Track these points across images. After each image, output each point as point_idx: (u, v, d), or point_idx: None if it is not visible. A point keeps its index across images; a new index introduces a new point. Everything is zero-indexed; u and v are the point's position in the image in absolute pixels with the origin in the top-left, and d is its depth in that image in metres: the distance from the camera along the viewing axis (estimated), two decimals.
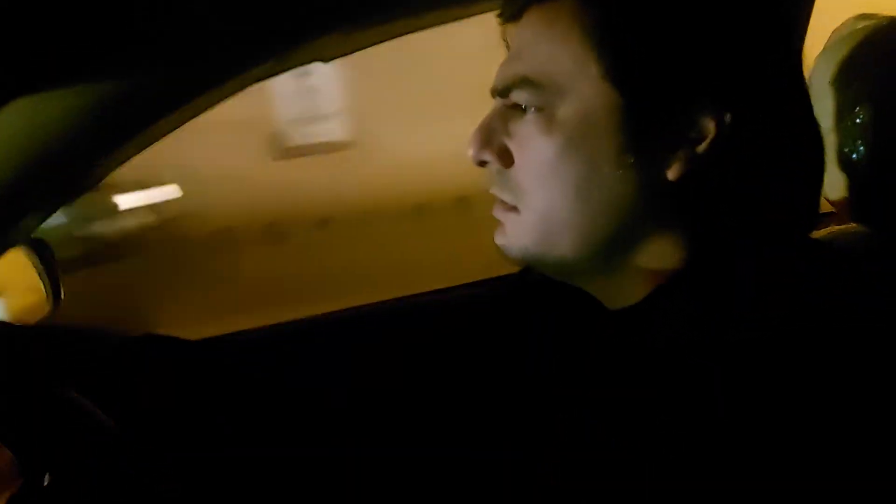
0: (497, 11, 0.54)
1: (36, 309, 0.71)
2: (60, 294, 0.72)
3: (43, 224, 0.64)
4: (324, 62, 0.65)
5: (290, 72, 0.63)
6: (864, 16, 0.70)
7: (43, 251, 0.70)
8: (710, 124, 0.46)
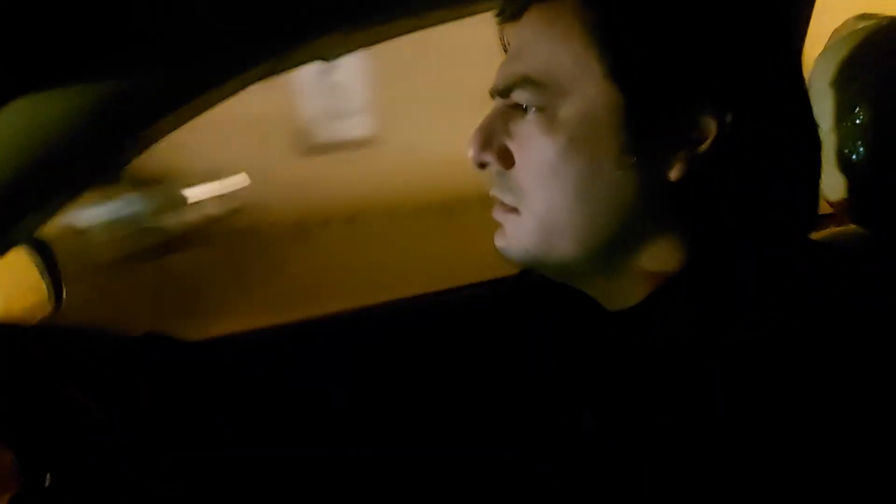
0: (496, 11, 0.54)
1: (37, 309, 0.71)
2: (62, 294, 0.72)
3: (115, 215, 0.64)
4: (325, 62, 0.65)
5: (316, 68, 0.63)
6: (864, 16, 0.70)
7: (44, 251, 0.70)
8: (711, 124, 0.46)
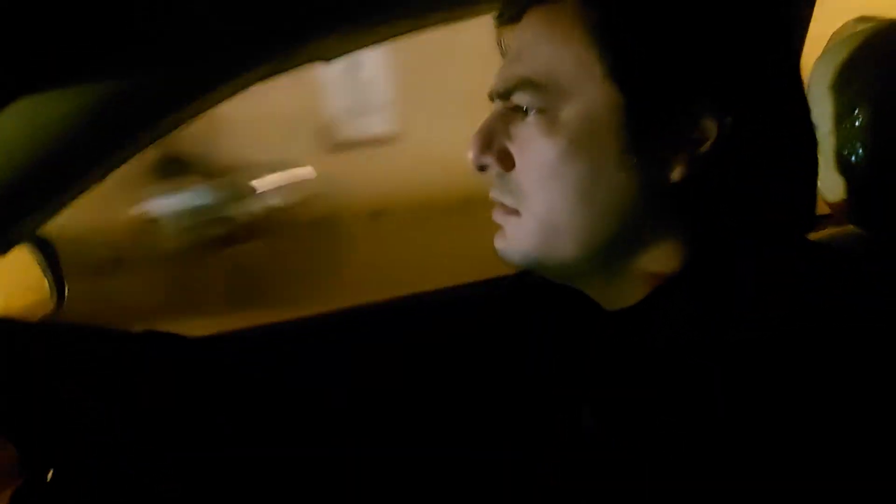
0: (495, 13, 0.54)
1: (38, 308, 0.71)
2: (64, 292, 0.72)
3: (186, 205, 0.63)
4: (325, 62, 0.65)
5: (341, 65, 0.63)
6: (863, 18, 0.70)
7: (46, 249, 0.70)
8: (711, 125, 0.47)
